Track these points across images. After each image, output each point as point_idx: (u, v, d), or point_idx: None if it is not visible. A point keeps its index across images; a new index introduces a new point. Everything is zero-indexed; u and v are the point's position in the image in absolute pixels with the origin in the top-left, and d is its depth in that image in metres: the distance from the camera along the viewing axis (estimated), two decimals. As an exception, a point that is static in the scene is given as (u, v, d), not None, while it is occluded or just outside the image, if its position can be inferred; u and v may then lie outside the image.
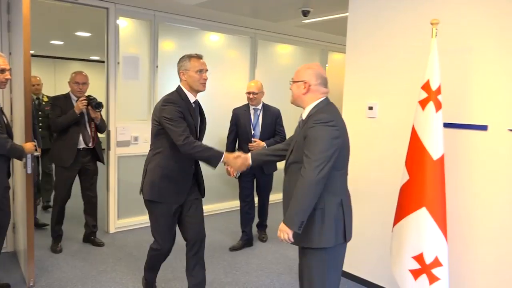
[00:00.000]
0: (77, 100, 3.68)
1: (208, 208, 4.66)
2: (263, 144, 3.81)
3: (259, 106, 4.01)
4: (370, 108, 3.18)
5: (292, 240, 1.99)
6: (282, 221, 2.01)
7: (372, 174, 3.18)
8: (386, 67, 3.08)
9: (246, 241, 4.05)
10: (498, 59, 2.49)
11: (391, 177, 2.95)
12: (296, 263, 3.59)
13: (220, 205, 5.25)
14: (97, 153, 3.87)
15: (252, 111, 3.99)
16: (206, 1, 4.21)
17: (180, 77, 2.61)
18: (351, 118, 3.29)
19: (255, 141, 3.86)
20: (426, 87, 2.46)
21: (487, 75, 2.54)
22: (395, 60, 3.02)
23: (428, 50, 2.47)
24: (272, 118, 4.01)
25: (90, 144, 3.78)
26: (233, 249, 3.96)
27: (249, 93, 3.92)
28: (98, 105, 3.68)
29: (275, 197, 5.52)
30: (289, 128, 3.31)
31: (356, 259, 3.31)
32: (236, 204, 4.49)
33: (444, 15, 2.65)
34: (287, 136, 3.40)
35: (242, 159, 2.48)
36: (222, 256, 3.80)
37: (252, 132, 3.94)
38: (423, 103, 2.47)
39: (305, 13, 4.47)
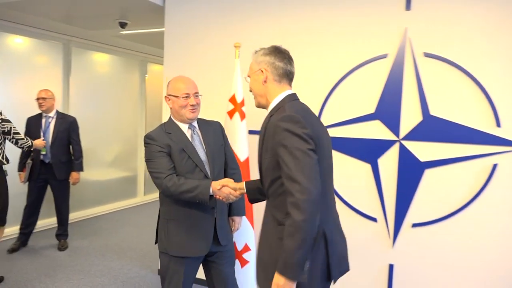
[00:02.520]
0: None
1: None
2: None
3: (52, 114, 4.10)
4: None
5: None
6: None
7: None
8: (200, 80, 3.28)
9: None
10: None
11: None
12: (122, 272, 3.61)
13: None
14: None
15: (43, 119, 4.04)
16: (12, 1, 3.85)
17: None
18: None
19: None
20: (232, 99, 2.87)
21: None
22: (208, 75, 3.36)
23: (233, 68, 2.90)
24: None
25: None
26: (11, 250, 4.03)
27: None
28: None
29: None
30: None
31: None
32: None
33: (244, 39, 3.12)
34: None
35: (228, 189, 1.98)
36: (39, 277, 3.53)
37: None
38: (230, 113, 2.87)
39: (122, 25, 4.53)
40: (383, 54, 2.73)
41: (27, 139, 3.64)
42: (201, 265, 2.30)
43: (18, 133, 3.56)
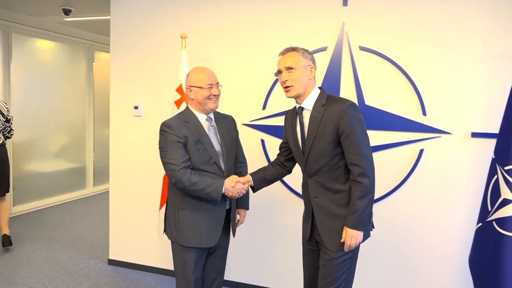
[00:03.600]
0: None
1: None
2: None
3: None
4: (136, 107, 3.44)
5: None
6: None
7: (139, 167, 3.48)
8: (148, 70, 3.39)
9: None
10: (232, 65, 3.13)
11: (156, 168, 3.28)
12: (70, 263, 3.60)
13: None
14: None
15: None
16: None
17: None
18: (118, 116, 3.52)
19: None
20: (179, 89, 2.91)
21: (224, 80, 3.16)
22: (156, 64, 3.36)
23: (180, 58, 2.94)
24: None
25: None
26: None
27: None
28: None
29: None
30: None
31: (126, 247, 3.58)
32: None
33: (191, 29, 3.17)
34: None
35: (240, 184, 2.13)
36: (-19, 271, 3.44)
37: None
38: (178, 103, 2.91)
39: (66, 12, 4.40)
40: (323, 47, 2.88)
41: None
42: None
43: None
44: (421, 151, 2.71)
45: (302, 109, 2.01)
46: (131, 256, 3.59)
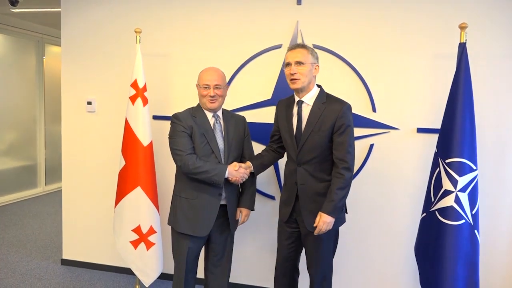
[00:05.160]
0: None
1: None
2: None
3: None
4: (89, 103, 3.35)
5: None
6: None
7: (93, 164, 3.40)
8: (101, 64, 3.30)
9: None
10: (188, 62, 3.10)
11: (111, 165, 3.28)
12: (20, 264, 3.45)
13: None
14: None
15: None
16: None
17: None
18: (71, 112, 3.42)
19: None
20: (134, 85, 2.85)
21: (180, 76, 3.14)
22: (109, 59, 3.28)
23: (135, 53, 2.88)
24: None
25: None
26: None
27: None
28: None
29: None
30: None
31: (80, 246, 3.50)
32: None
33: (147, 25, 3.12)
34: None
35: (243, 169, 2.32)
36: None
37: None
38: (133, 99, 2.85)
39: (13, 2, 4.18)
40: (278, 44, 2.92)
41: None
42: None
43: None
44: (371, 145, 2.82)
45: (302, 102, 2.21)
46: (86, 255, 3.51)
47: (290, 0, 2.89)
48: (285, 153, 2.42)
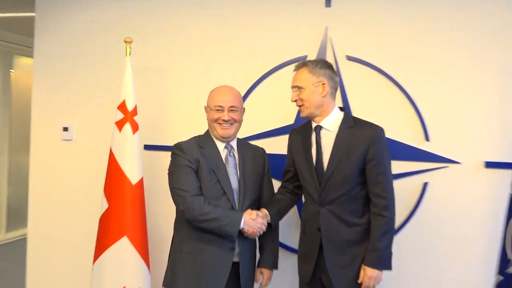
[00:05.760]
0: None
1: None
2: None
3: None
4: (65, 129, 2.92)
5: None
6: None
7: (67, 206, 2.91)
8: (82, 81, 2.90)
9: None
10: (190, 78, 2.69)
11: (90, 208, 2.77)
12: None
13: None
14: None
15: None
16: None
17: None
18: (42, 140, 2.99)
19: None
20: (122, 107, 2.45)
21: (179, 94, 2.71)
22: (92, 74, 2.88)
23: (124, 68, 2.45)
24: None
25: None
26: None
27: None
28: None
29: None
30: None
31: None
32: None
33: (139, 33, 2.68)
34: None
35: (260, 218, 1.94)
36: None
37: None
38: (120, 124, 2.44)
39: (-22, 8, 3.71)
40: (302, 56, 2.48)
41: None
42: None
43: None
44: (425, 184, 2.35)
45: (320, 128, 1.90)
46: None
47: (317, 1, 2.48)
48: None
